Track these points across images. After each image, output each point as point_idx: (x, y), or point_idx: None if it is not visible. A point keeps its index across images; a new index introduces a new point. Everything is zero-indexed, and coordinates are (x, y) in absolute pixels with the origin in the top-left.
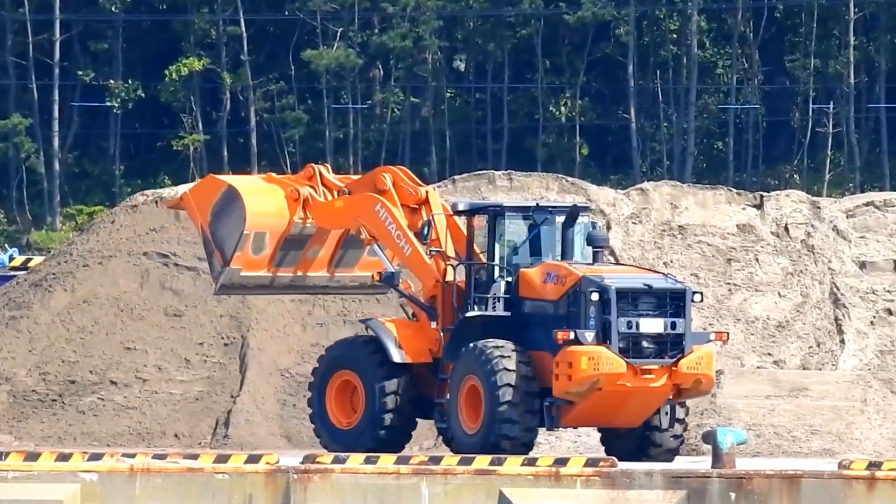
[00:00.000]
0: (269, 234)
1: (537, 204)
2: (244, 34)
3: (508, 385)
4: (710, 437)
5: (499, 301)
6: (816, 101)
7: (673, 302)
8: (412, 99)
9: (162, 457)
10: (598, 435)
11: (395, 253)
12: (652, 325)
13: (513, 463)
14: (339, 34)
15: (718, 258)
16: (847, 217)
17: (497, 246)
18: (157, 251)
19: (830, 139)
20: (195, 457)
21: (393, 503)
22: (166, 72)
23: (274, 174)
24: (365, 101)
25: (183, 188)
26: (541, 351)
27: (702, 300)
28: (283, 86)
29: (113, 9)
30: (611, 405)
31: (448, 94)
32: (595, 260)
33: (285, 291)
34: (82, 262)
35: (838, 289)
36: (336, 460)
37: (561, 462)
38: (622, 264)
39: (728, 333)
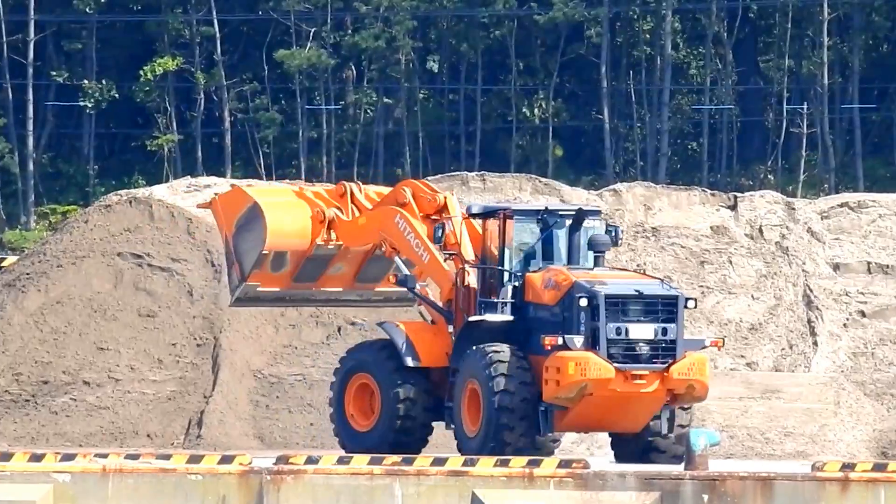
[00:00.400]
0: (290, 253)
1: (546, 207)
2: (217, 34)
3: (504, 389)
4: (682, 439)
5: (506, 305)
6: (790, 102)
7: (665, 308)
8: (385, 100)
9: (135, 457)
10: (572, 436)
11: (415, 261)
12: (642, 331)
13: (485, 464)
14: (311, 34)
15: (692, 260)
16: (821, 218)
17: (506, 250)
18: (130, 251)
19: (805, 140)
20: (168, 457)
21: None
22: (140, 72)
23: (306, 186)
24: (338, 101)
25: (159, 189)
26: (541, 356)
27: (696, 306)
28: (257, 86)
29: (87, 9)
30: (604, 410)
31: (421, 96)
32: (596, 264)
33: (303, 304)
34: (56, 263)
35: (812, 291)
36: (309, 461)
37: (534, 463)
38: (623, 269)
39: (724, 339)
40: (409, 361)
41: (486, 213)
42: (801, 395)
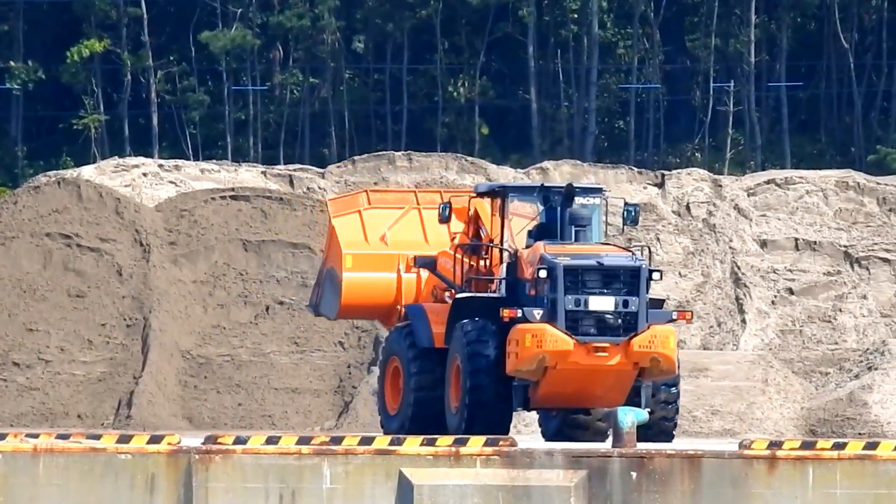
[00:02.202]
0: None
1: (542, 184)
2: (145, 15)
3: (478, 353)
4: (610, 417)
5: (502, 282)
6: (717, 80)
7: (627, 280)
8: (311, 80)
9: (65, 437)
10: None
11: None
12: (602, 303)
13: (412, 443)
14: (238, 15)
15: (619, 237)
16: (748, 195)
17: (505, 227)
18: (59, 232)
19: (731, 118)
20: (98, 437)
21: (294, 483)
22: (67, 53)
23: (421, 268)
24: (264, 82)
25: (87, 170)
26: None
27: (661, 278)
28: (186, 67)
29: None
30: (572, 384)
31: (347, 75)
32: (577, 238)
33: None
34: None
35: (739, 268)
36: (237, 441)
37: (461, 441)
38: (607, 244)
39: (692, 312)
40: (424, 342)
41: (489, 193)
42: (730, 373)
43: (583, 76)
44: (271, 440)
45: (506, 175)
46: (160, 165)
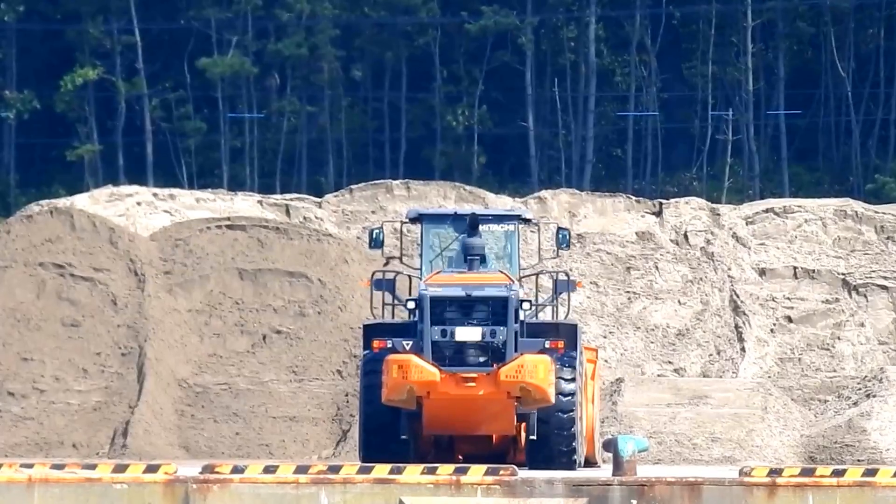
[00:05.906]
0: None
1: (455, 212)
2: (139, 43)
3: (369, 385)
4: (610, 445)
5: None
6: (715, 108)
7: (496, 309)
8: (308, 108)
9: (60, 467)
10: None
11: None
12: (468, 334)
13: (412, 471)
14: (234, 42)
15: (618, 266)
16: (747, 224)
17: (423, 254)
18: (52, 262)
19: (730, 146)
20: (93, 467)
21: None
22: (61, 81)
23: None
24: (261, 109)
25: (80, 198)
26: None
27: (531, 308)
28: (181, 94)
29: (6, 18)
30: (452, 412)
31: (345, 103)
32: (471, 268)
33: None
34: None
35: (738, 296)
36: (235, 470)
37: (461, 470)
38: (497, 273)
39: (563, 342)
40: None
41: (414, 219)
42: (729, 400)
43: (580, 104)
44: (269, 469)
45: (504, 204)
46: (155, 194)
